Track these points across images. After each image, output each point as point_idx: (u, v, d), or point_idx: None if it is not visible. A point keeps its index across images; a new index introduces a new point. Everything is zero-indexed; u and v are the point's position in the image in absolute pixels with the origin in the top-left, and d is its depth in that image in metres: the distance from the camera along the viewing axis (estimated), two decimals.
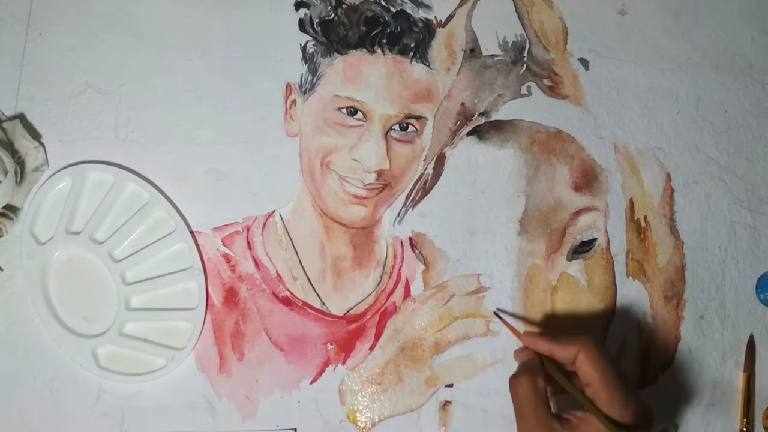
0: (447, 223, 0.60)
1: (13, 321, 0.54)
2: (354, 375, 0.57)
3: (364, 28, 0.61)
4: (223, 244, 0.57)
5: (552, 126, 0.63)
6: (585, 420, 0.48)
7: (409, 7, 0.62)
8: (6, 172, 0.52)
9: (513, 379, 0.51)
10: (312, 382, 0.56)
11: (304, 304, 0.57)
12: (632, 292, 0.62)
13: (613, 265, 0.62)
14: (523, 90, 0.64)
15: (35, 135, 0.56)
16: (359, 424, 0.57)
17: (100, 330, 0.54)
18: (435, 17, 0.63)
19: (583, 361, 0.50)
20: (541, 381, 0.50)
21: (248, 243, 0.57)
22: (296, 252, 0.58)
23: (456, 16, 0.63)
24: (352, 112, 0.59)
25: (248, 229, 0.58)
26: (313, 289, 0.58)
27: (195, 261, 0.56)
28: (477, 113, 0.62)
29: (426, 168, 0.61)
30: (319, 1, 0.61)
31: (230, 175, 0.58)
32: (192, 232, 0.56)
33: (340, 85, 0.60)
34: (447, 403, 0.58)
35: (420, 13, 0.62)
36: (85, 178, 0.56)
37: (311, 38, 0.61)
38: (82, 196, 0.56)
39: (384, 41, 0.61)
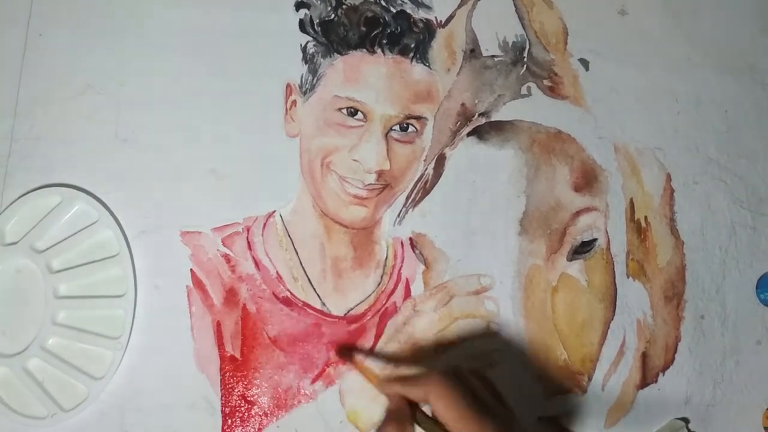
0: (447, 224, 0.60)
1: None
2: (354, 375, 0.57)
3: (364, 29, 0.61)
4: (223, 245, 0.57)
5: (552, 126, 0.63)
6: None
7: (409, 8, 0.62)
8: None
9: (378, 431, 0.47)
10: (312, 383, 0.56)
11: (305, 304, 0.57)
12: (632, 293, 0.62)
13: (614, 266, 0.62)
14: (523, 90, 0.64)
15: None
16: (360, 424, 0.56)
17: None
18: (435, 17, 0.63)
19: (434, 402, 0.46)
20: (410, 428, 0.47)
21: (248, 243, 0.57)
22: (296, 252, 0.58)
23: (456, 17, 0.63)
24: (353, 112, 0.59)
25: (248, 230, 0.58)
26: (314, 289, 0.58)
27: (129, 290, 0.55)
28: (477, 114, 0.62)
29: (426, 168, 0.61)
30: (319, 2, 0.61)
31: (230, 176, 0.58)
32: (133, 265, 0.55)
33: (341, 85, 0.60)
34: None
35: (420, 14, 0.63)
36: (72, 205, 0.55)
37: (311, 39, 0.61)
38: (59, 220, 0.55)
39: (384, 42, 0.61)
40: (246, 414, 0.55)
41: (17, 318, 0.54)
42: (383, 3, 0.62)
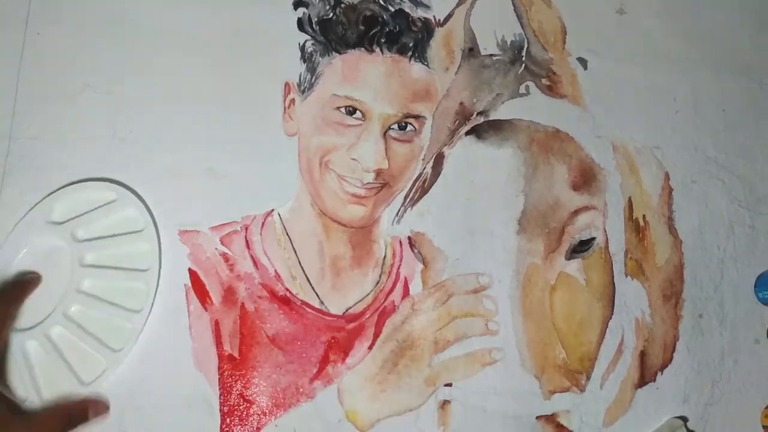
0: (446, 223, 0.60)
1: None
2: (353, 374, 0.57)
3: (362, 28, 0.61)
4: (222, 244, 0.57)
5: (550, 125, 0.63)
6: None
7: (407, 6, 0.62)
8: None
9: None
10: (311, 382, 0.56)
11: (303, 303, 0.57)
12: (631, 291, 0.63)
13: (612, 264, 0.62)
14: (522, 89, 0.64)
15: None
16: (358, 423, 0.56)
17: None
18: (434, 16, 0.63)
19: None
20: None
21: (247, 242, 0.57)
22: (295, 251, 0.58)
23: (454, 16, 0.63)
24: (351, 111, 0.59)
25: (247, 229, 0.58)
26: (312, 288, 0.58)
27: (153, 264, 0.55)
28: (475, 113, 0.62)
29: (425, 167, 0.61)
30: (317, 1, 0.61)
31: (229, 175, 0.58)
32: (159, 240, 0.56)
33: (339, 84, 0.60)
34: (446, 402, 0.58)
35: (419, 12, 0.63)
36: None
37: (310, 37, 0.61)
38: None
39: (383, 40, 0.61)
40: (244, 413, 0.55)
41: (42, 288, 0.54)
42: (382, 2, 0.62)
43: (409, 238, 0.60)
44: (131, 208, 0.55)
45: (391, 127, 0.60)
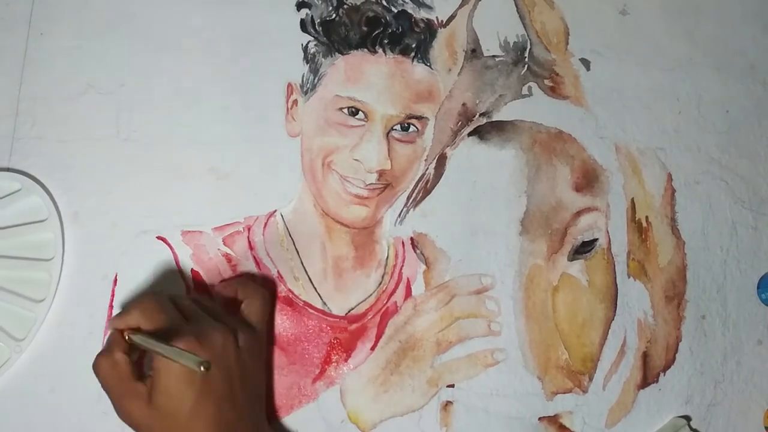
0: (448, 224, 0.60)
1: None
2: (355, 375, 0.57)
3: (365, 29, 0.61)
4: (224, 244, 0.57)
5: (553, 126, 0.63)
6: (158, 368, 0.46)
7: (410, 8, 0.62)
8: None
9: (93, 365, 0.48)
10: (313, 383, 0.56)
11: (306, 304, 0.57)
12: (633, 293, 0.62)
13: (614, 266, 0.62)
14: (525, 90, 0.64)
15: None
16: (361, 424, 0.57)
17: None
18: (436, 17, 0.63)
19: (138, 319, 0.48)
20: (120, 354, 0.47)
21: (249, 243, 0.57)
22: (297, 252, 0.58)
23: (457, 17, 0.63)
24: (354, 112, 0.59)
25: (249, 229, 0.58)
26: (315, 289, 0.58)
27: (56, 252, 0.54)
28: (478, 114, 0.62)
29: (427, 168, 0.61)
30: (320, 2, 0.61)
31: (231, 175, 0.58)
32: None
33: (342, 85, 0.60)
34: (448, 403, 0.58)
35: (421, 14, 0.62)
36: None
37: (312, 38, 0.61)
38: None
39: (385, 41, 0.61)
40: None
41: None
42: (384, 3, 0.62)
43: (411, 239, 0.60)
44: (35, 198, 0.55)
45: (394, 127, 0.60)
